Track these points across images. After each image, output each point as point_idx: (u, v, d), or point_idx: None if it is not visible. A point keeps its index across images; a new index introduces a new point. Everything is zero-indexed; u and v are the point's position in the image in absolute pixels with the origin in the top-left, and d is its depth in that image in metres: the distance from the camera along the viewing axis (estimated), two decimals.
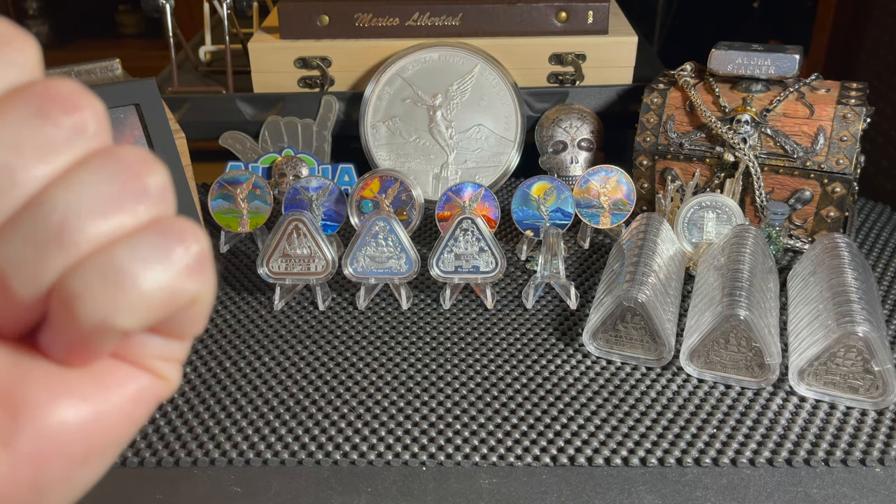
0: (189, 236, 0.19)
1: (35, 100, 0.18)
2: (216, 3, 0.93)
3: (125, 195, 0.19)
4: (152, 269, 0.19)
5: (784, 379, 0.59)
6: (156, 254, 0.19)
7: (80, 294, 0.18)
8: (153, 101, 0.65)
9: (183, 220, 0.20)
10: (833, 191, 0.73)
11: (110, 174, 0.19)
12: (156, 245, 0.19)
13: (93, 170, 0.18)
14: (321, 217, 0.75)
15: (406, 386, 0.60)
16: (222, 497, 0.51)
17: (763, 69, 0.74)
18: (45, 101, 0.18)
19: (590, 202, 0.77)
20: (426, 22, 0.88)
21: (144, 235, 0.19)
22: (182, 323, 0.21)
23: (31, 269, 0.18)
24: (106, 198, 0.18)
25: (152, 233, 0.19)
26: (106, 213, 0.18)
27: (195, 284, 0.20)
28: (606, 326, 0.61)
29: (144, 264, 0.19)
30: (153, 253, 0.19)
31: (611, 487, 0.51)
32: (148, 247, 0.19)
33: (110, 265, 0.18)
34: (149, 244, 0.19)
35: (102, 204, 0.18)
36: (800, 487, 0.51)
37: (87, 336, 0.19)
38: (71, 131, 0.18)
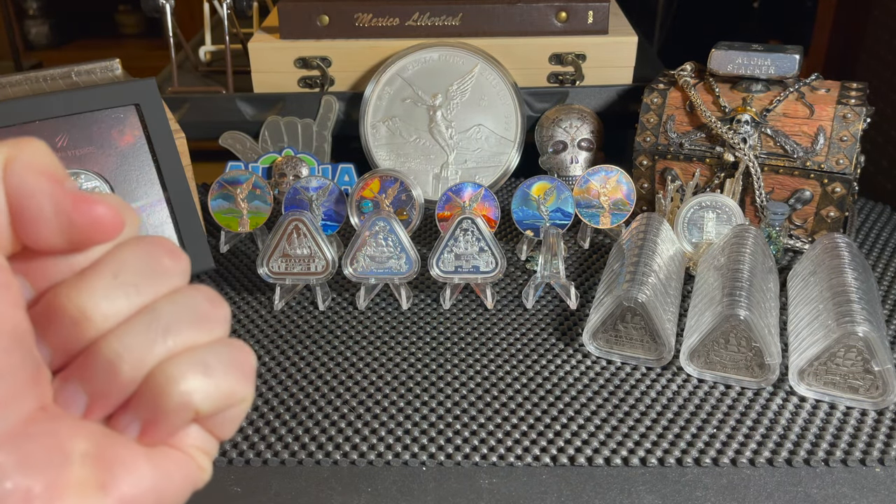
0: (249, 352, 0.27)
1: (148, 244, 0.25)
2: (216, 3, 0.93)
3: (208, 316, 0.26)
4: (226, 369, 0.25)
5: (784, 379, 0.59)
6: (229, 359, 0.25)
7: (174, 377, 0.24)
8: (153, 101, 0.65)
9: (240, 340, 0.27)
10: (833, 191, 0.73)
11: (199, 300, 0.26)
12: (228, 353, 0.26)
13: (188, 295, 0.25)
14: (321, 217, 0.75)
15: (406, 386, 0.60)
16: (222, 497, 0.51)
17: (763, 69, 0.74)
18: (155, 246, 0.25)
19: (590, 202, 0.77)
20: (426, 22, 0.88)
21: (219, 345, 0.26)
22: (225, 420, 0.27)
23: (139, 355, 0.24)
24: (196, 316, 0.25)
25: (224, 344, 0.26)
26: (195, 326, 0.25)
27: (250, 388, 0.26)
28: (606, 326, 0.61)
29: (222, 365, 0.25)
30: (227, 358, 0.25)
31: (611, 487, 0.51)
32: (223, 353, 0.25)
33: (200, 360, 0.25)
34: (224, 352, 0.26)
35: (193, 319, 0.25)
36: (800, 487, 0.51)
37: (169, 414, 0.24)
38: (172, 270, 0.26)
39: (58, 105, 0.61)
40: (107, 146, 0.64)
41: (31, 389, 0.23)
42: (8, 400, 0.22)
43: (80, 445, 0.24)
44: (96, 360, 0.24)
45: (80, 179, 0.63)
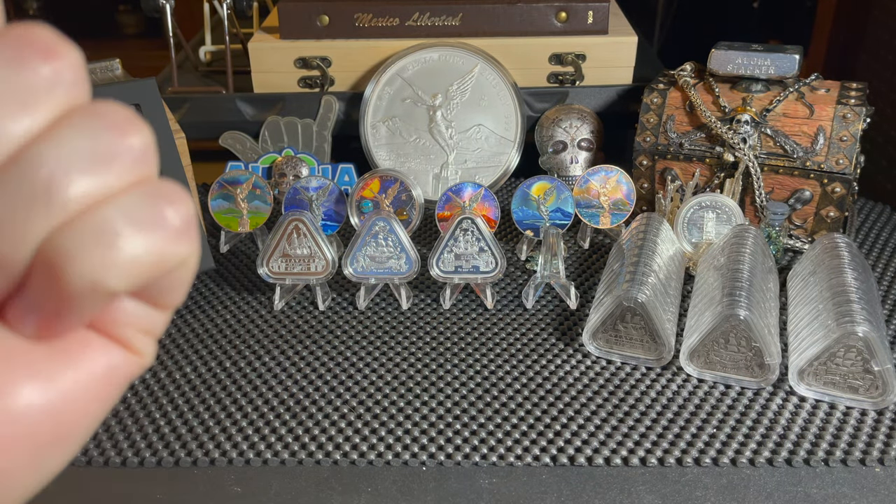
0: (177, 198, 0.19)
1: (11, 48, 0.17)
2: (216, 3, 0.93)
3: (112, 153, 0.18)
4: (144, 229, 0.18)
5: (784, 379, 0.59)
6: (147, 214, 0.18)
7: (70, 254, 0.17)
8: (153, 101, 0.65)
9: (169, 181, 0.19)
10: (833, 191, 0.73)
11: (96, 131, 0.18)
12: (146, 206, 0.18)
13: (78, 125, 0.18)
14: (321, 217, 0.75)
15: (406, 386, 0.60)
16: (222, 497, 0.51)
17: (763, 69, 0.74)
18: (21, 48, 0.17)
19: (590, 202, 0.77)
20: (426, 22, 0.88)
21: (134, 196, 0.18)
22: (166, 289, 0.20)
23: (17, 228, 0.17)
24: (93, 155, 0.18)
25: (141, 193, 0.18)
26: (94, 171, 0.18)
27: (184, 247, 0.19)
28: (606, 326, 0.61)
29: (136, 224, 0.18)
30: (144, 213, 0.18)
31: (611, 487, 0.51)
32: (138, 207, 0.18)
33: (103, 225, 0.18)
34: (140, 205, 0.18)
35: (90, 161, 0.18)
36: (800, 487, 0.51)
37: (73, 300, 0.18)
38: (50, 79, 0.18)
39: None
40: None
41: None
42: None
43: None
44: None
45: None
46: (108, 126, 0.18)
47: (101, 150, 0.18)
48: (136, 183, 0.19)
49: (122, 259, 0.18)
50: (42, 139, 0.17)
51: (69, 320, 0.19)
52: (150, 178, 0.19)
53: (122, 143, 0.18)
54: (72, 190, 0.17)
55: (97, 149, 0.18)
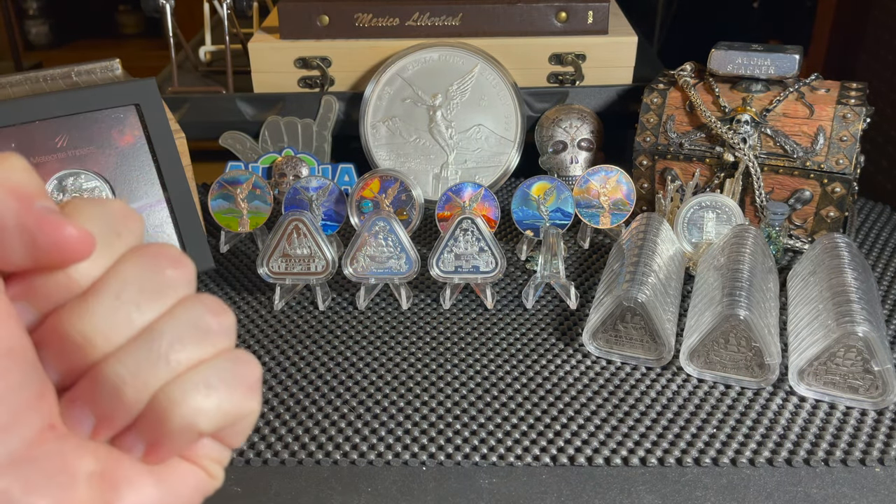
0: (253, 363, 0.26)
1: (151, 257, 0.25)
2: (216, 3, 0.93)
3: (210, 330, 0.25)
4: (230, 386, 0.25)
5: (784, 379, 0.59)
6: (232, 375, 0.25)
7: (177, 400, 0.24)
8: (153, 101, 0.65)
9: (244, 351, 0.26)
10: (833, 191, 0.73)
11: (201, 313, 0.25)
12: (232, 369, 0.25)
13: (189, 309, 0.25)
14: (321, 217, 0.75)
15: (406, 386, 0.60)
16: (222, 497, 0.50)
17: (763, 69, 0.74)
18: (158, 257, 0.25)
19: (590, 202, 0.77)
20: (426, 22, 0.88)
21: (222, 360, 0.25)
22: (234, 432, 0.27)
23: (142, 379, 0.24)
24: (199, 331, 0.25)
25: (227, 359, 0.25)
26: (198, 342, 0.25)
27: (255, 402, 0.26)
28: (606, 326, 0.61)
29: (224, 382, 0.25)
30: (230, 374, 0.25)
31: (611, 487, 0.51)
32: (226, 369, 0.25)
33: (202, 381, 0.24)
34: (227, 368, 0.25)
35: (196, 336, 0.25)
36: (800, 487, 0.51)
37: (173, 436, 0.24)
38: (175, 281, 0.25)
39: (58, 105, 0.61)
40: (107, 146, 0.64)
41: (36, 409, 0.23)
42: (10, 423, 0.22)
43: (86, 465, 0.24)
44: (100, 384, 0.24)
45: (80, 179, 0.63)
46: (208, 310, 0.25)
47: (203, 327, 0.25)
48: (224, 352, 0.26)
49: (211, 407, 0.25)
50: (165, 317, 0.24)
51: (168, 451, 0.25)
52: (232, 346, 0.26)
53: (217, 323, 0.25)
54: (183, 355, 0.24)
55: (200, 326, 0.25)
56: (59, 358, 0.24)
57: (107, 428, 0.25)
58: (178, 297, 0.25)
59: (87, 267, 0.24)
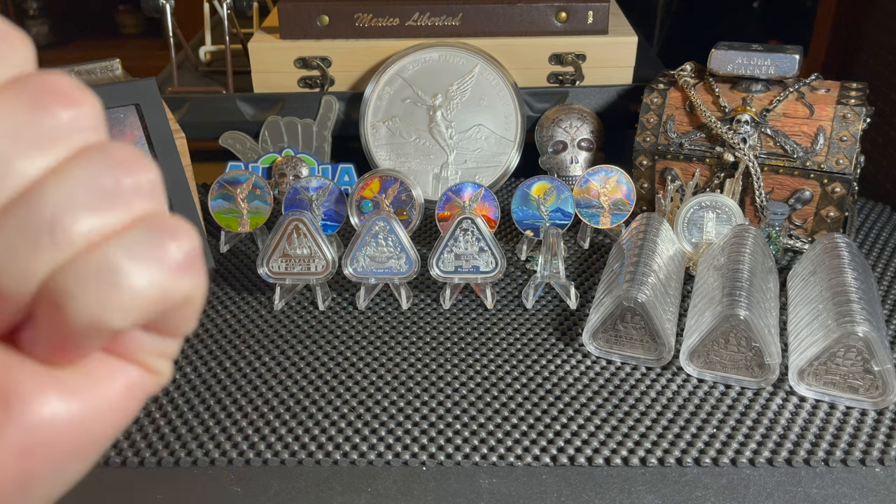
0: (182, 233, 0.19)
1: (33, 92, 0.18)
2: (216, 3, 0.93)
3: (117, 190, 0.18)
4: (146, 266, 0.18)
5: (784, 379, 0.59)
6: (149, 251, 0.19)
7: (72, 292, 0.18)
8: (153, 101, 0.65)
9: (174, 216, 0.19)
10: (833, 191, 0.73)
11: (102, 169, 0.18)
12: (149, 242, 0.19)
13: (85, 164, 0.18)
14: (321, 217, 0.75)
15: (406, 386, 0.60)
16: (222, 497, 0.51)
17: (763, 69, 0.74)
18: (42, 93, 0.18)
19: (590, 202, 0.77)
20: (426, 22, 0.88)
21: (137, 232, 0.18)
22: (174, 321, 0.21)
23: (21, 264, 0.17)
24: (99, 193, 0.18)
25: (145, 229, 0.19)
26: (99, 209, 0.18)
27: (188, 283, 0.19)
28: (606, 326, 0.61)
29: (138, 262, 0.18)
30: (146, 250, 0.18)
31: (611, 487, 0.51)
32: (141, 244, 0.18)
33: (104, 263, 0.18)
34: (142, 241, 0.18)
35: (95, 199, 0.18)
36: (800, 487, 0.51)
37: (77, 335, 0.18)
38: (68, 125, 0.18)
39: None
40: None
41: None
42: None
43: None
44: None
45: None
46: (113, 164, 0.18)
47: (106, 187, 0.18)
48: (141, 220, 0.19)
49: (123, 298, 0.18)
50: (49, 177, 0.18)
51: (75, 352, 0.19)
52: (155, 214, 0.19)
53: (127, 181, 0.18)
54: (76, 227, 0.18)
55: (102, 186, 0.18)
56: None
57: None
58: (72, 147, 0.18)
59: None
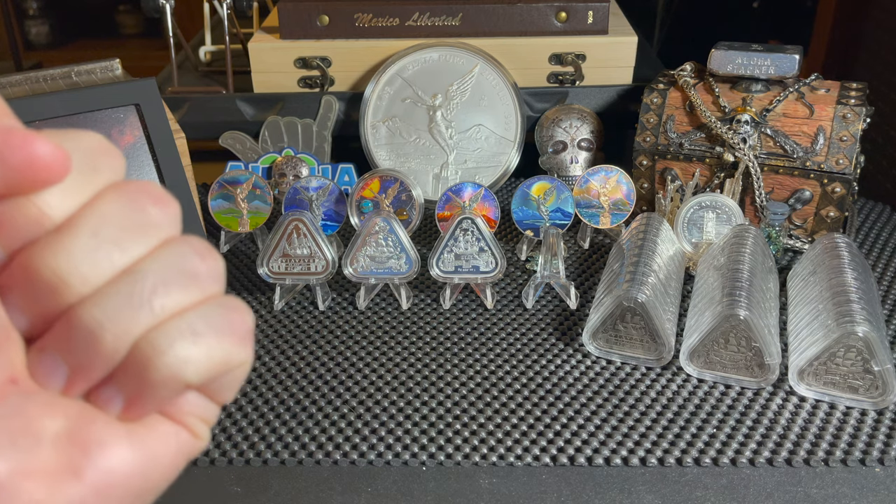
0: (245, 311, 0.24)
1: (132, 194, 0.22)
2: (216, 3, 0.93)
3: (198, 273, 0.23)
4: (219, 333, 0.23)
5: (784, 379, 0.59)
6: (222, 322, 0.23)
7: (161, 349, 0.22)
8: (153, 101, 0.65)
9: (234, 297, 0.24)
10: (833, 191, 0.73)
11: (187, 256, 0.23)
12: (221, 315, 0.23)
13: (174, 251, 0.23)
14: (321, 217, 0.75)
15: (406, 386, 0.60)
16: (222, 497, 0.51)
17: (763, 69, 0.74)
18: (139, 195, 0.23)
19: (590, 202, 0.77)
20: (426, 22, 0.88)
21: (211, 307, 0.23)
22: (223, 386, 0.24)
23: (124, 325, 0.21)
24: (185, 274, 0.23)
25: (216, 305, 0.23)
26: (184, 286, 0.23)
27: (246, 352, 0.24)
28: (606, 326, 0.61)
29: (213, 329, 0.23)
30: (220, 321, 0.23)
31: (611, 487, 0.51)
32: (216, 316, 0.23)
33: (188, 328, 0.22)
34: (216, 314, 0.23)
35: (182, 279, 0.23)
36: (800, 487, 0.51)
37: (156, 389, 0.22)
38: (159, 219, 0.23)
39: (58, 105, 0.61)
40: None
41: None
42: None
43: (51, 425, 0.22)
44: (76, 330, 0.21)
45: None
46: (194, 253, 0.23)
47: (190, 270, 0.23)
48: (212, 297, 0.23)
49: (200, 356, 0.22)
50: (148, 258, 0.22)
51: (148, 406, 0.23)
52: (221, 293, 0.24)
53: (204, 267, 0.23)
54: (168, 299, 0.22)
55: (187, 269, 0.23)
56: (29, 301, 0.22)
57: (82, 380, 0.22)
58: (161, 237, 0.23)
59: (61, 201, 0.22)
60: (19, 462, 0.21)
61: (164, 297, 0.22)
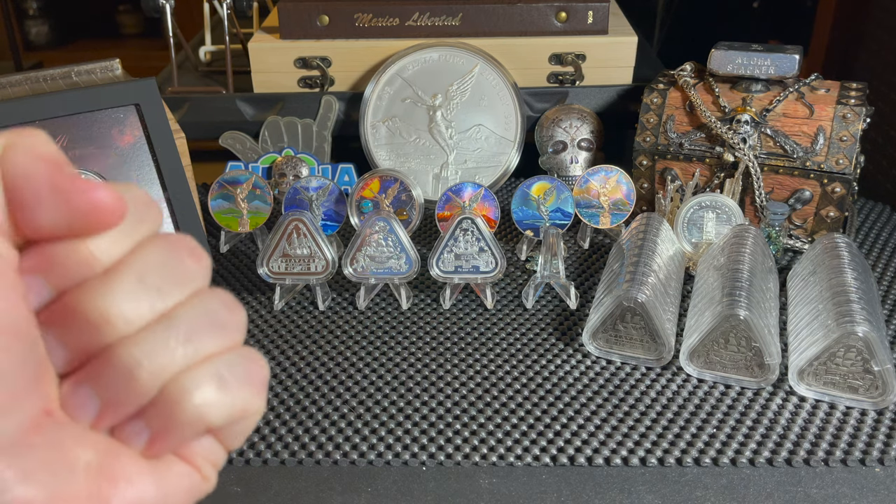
0: (262, 362, 0.26)
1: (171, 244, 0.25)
2: (216, 3, 0.93)
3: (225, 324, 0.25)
4: (241, 381, 0.25)
5: (784, 379, 0.59)
6: (244, 371, 0.25)
7: (190, 390, 0.24)
8: (153, 101, 0.65)
9: (254, 349, 0.26)
10: (833, 191, 0.73)
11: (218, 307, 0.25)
12: (243, 364, 0.25)
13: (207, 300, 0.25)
14: (321, 217, 0.75)
15: (406, 386, 0.60)
16: (222, 497, 0.51)
17: (763, 69, 0.74)
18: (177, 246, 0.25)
19: (590, 202, 0.77)
20: (426, 22, 0.88)
21: (235, 356, 0.25)
22: (236, 432, 0.26)
23: (159, 364, 0.23)
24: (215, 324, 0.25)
25: (239, 355, 0.25)
26: (213, 334, 0.25)
27: (260, 401, 0.26)
28: (606, 326, 0.61)
29: (237, 377, 0.25)
30: (242, 370, 0.25)
31: (611, 487, 0.51)
32: (239, 365, 0.25)
33: (215, 373, 0.24)
34: (239, 363, 0.25)
35: (211, 328, 0.25)
36: (799, 487, 0.51)
37: (181, 427, 0.24)
38: (194, 271, 0.25)
39: (58, 105, 0.61)
40: (107, 146, 0.64)
41: (34, 392, 0.23)
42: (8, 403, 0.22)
43: (84, 456, 0.23)
44: (114, 366, 0.23)
45: None
46: (223, 304, 0.25)
47: (219, 320, 0.25)
48: (234, 347, 0.26)
49: (224, 400, 0.25)
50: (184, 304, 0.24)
51: (172, 442, 0.25)
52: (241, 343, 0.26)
53: (232, 317, 0.26)
54: (199, 345, 0.24)
55: (216, 318, 0.25)
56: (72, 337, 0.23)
57: (112, 414, 0.24)
58: (195, 288, 0.25)
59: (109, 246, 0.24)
60: (55, 489, 0.22)
61: (196, 343, 0.24)
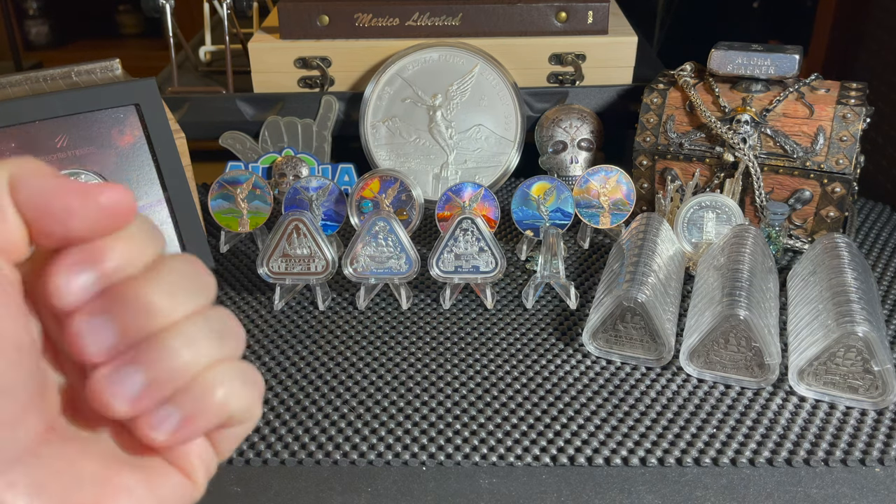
0: (260, 376, 0.29)
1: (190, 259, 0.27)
2: (216, 3, 0.93)
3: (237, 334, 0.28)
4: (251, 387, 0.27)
5: (784, 379, 0.59)
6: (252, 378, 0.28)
7: (219, 380, 0.26)
8: (153, 101, 0.65)
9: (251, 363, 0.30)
10: (833, 191, 0.73)
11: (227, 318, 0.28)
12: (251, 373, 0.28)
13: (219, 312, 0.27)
14: (321, 217, 0.75)
15: (406, 386, 0.60)
16: (222, 497, 0.51)
17: (763, 69, 0.74)
18: (196, 262, 0.27)
19: (590, 202, 0.77)
20: (426, 22, 0.88)
21: (243, 364, 0.28)
22: (231, 436, 0.29)
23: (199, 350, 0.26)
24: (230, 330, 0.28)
25: (246, 364, 0.28)
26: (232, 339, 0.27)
27: (259, 409, 0.28)
28: (606, 326, 0.61)
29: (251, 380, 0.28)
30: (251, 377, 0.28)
31: (611, 487, 0.51)
32: (248, 372, 0.28)
33: (239, 371, 0.27)
34: (248, 371, 0.28)
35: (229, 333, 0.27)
36: (799, 487, 0.51)
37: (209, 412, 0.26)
38: (210, 285, 0.28)
39: (58, 105, 0.61)
40: (107, 146, 0.64)
41: (39, 406, 0.24)
42: (19, 415, 0.23)
43: (89, 467, 0.25)
44: (158, 349, 0.25)
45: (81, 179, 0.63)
46: (231, 317, 0.28)
47: (230, 329, 0.28)
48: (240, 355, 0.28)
49: (243, 395, 0.27)
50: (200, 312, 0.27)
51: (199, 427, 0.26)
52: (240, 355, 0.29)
53: (239, 329, 0.28)
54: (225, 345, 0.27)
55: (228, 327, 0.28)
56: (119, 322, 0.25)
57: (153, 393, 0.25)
58: (209, 299, 0.27)
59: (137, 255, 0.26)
60: (66, 499, 0.24)
61: (222, 343, 0.27)
